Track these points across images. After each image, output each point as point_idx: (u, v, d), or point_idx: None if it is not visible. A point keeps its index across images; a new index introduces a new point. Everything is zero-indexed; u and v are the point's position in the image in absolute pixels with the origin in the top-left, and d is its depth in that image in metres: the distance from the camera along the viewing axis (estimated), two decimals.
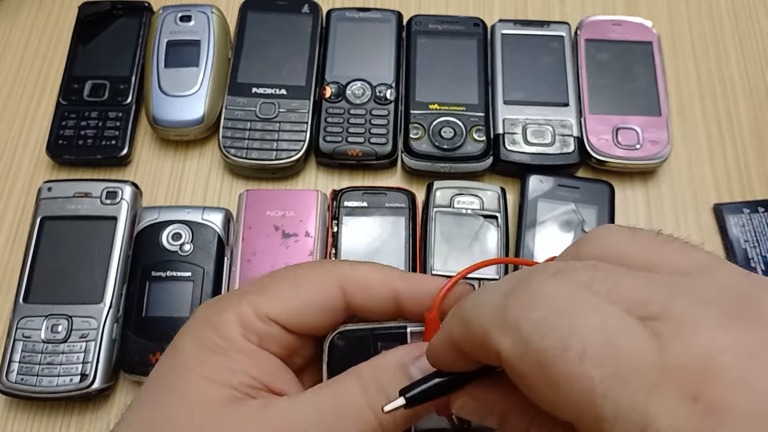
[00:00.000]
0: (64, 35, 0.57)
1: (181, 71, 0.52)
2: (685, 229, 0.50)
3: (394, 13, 0.55)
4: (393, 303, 0.27)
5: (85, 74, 0.53)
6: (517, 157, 0.50)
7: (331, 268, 0.27)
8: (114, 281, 0.44)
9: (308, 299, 0.27)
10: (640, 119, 0.51)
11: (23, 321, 0.43)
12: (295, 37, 0.54)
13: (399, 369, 0.25)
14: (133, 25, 0.55)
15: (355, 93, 0.52)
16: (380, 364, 0.25)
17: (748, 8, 0.59)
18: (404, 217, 0.47)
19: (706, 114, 0.55)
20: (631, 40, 0.54)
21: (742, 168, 0.52)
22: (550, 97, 0.52)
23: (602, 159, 0.50)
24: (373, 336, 0.27)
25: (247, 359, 0.25)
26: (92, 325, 0.43)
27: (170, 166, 0.52)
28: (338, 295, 0.27)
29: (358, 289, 0.27)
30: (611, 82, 0.53)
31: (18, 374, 0.42)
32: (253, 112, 0.51)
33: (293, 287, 0.27)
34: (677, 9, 0.59)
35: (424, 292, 0.27)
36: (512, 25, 0.55)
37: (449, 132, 0.50)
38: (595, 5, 0.59)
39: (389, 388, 0.24)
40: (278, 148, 0.50)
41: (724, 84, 0.56)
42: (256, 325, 0.26)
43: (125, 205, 0.47)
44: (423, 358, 0.25)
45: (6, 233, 0.50)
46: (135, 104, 0.52)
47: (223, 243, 0.46)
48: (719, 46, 0.57)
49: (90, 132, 0.51)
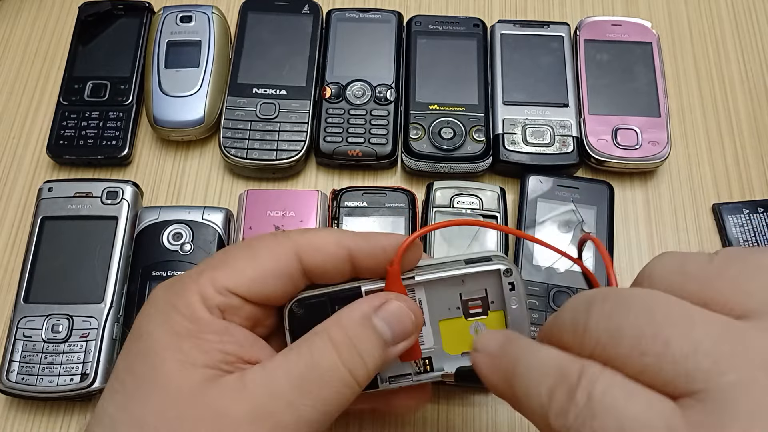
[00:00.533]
0: (65, 35, 0.57)
1: (181, 71, 0.52)
2: (685, 229, 0.50)
3: (394, 14, 0.55)
4: (348, 262, 0.27)
5: (86, 74, 0.53)
6: (516, 158, 0.50)
7: (283, 237, 0.28)
8: (114, 281, 0.45)
9: (265, 268, 0.27)
10: (639, 119, 0.51)
11: (24, 321, 0.43)
12: (295, 37, 0.54)
13: (365, 322, 0.26)
14: (134, 26, 0.55)
15: (355, 93, 0.52)
16: (346, 320, 0.26)
17: (748, 8, 0.59)
18: (404, 217, 0.47)
19: (706, 114, 0.55)
20: (630, 40, 0.54)
21: (741, 168, 0.53)
22: (550, 97, 0.52)
23: (602, 159, 0.50)
24: (330, 299, 0.28)
25: (216, 336, 0.25)
26: (93, 324, 0.43)
27: (171, 166, 0.53)
28: (294, 262, 0.27)
29: (312, 253, 0.27)
30: (611, 82, 0.53)
31: (18, 374, 0.42)
32: (253, 112, 0.51)
33: (249, 258, 0.27)
34: (677, 9, 0.59)
35: (378, 248, 0.27)
36: (512, 25, 0.55)
37: (449, 132, 0.50)
38: (595, 5, 0.59)
39: (360, 345, 0.25)
40: (278, 149, 0.50)
41: (724, 84, 0.56)
42: (217, 299, 0.26)
43: (126, 205, 0.47)
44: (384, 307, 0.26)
45: (6, 233, 0.50)
46: (135, 104, 0.52)
47: (223, 243, 0.46)
48: (719, 47, 0.57)
49: (90, 132, 0.51)
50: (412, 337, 0.28)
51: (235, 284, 0.26)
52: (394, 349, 0.27)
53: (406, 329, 0.27)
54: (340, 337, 0.25)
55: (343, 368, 0.25)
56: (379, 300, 0.27)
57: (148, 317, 0.26)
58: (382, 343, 0.26)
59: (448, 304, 0.29)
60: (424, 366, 0.30)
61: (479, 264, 0.28)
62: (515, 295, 0.28)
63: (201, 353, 0.25)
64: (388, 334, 0.26)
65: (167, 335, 0.25)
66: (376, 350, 0.26)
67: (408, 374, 0.30)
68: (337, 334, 0.25)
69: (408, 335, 0.27)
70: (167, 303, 0.26)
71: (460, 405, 0.44)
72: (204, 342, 0.25)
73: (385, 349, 0.26)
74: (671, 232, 0.50)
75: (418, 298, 0.29)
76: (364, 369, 0.25)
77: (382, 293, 0.28)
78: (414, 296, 0.29)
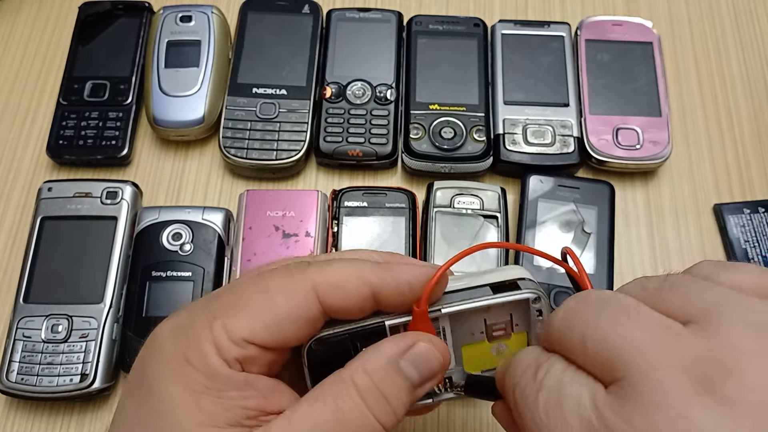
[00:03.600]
0: (65, 35, 0.57)
1: (181, 71, 0.52)
2: (686, 229, 0.50)
3: (394, 14, 0.55)
4: (370, 298, 0.26)
5: (86, 74, 0.53)
6: (517, 158, 0.50)
7: (299, 275, 0.26)
8: (114, 281, 0.44)
9: (284, 314, 0.25)
10: (640, 119, 0.51)
11: (23, 321, 0.43)
12: (295, 37, 0.54)
13: (391, 367, 0.25)
14: (134, 26, 0.55)
15: (356, 93, 0.52)
16: (371, 365, 0.25)
17: (749, 8, 0.59)
18: (404, 217, 0.47)
19: (707, 114, 0.55)
20: (631, 40, 0.54)
21: (742, 168, 0.52)
22: (551, 97, 0.52)
23: (602, 159, 0.50)
24: (351, 337, 0.27)
25: (237, 392, 0.24)
26: (92, 325, 0.43)
27: (170, 166, 0.53)
28: (313, 303, 0.25)
29: (332, 291, 0.25)
30: (611, 82, 0.53)
31: (18, 374, 0.42)
32: (253, 112, 0.51)
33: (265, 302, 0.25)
34: (677, 9, 0.59)
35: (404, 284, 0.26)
36: (512, 25, 0.55)
37: (449, 132, 0.50)
38: (595, 5, 0.59)
39: (386, 391, 0.24)
40: (278, 149, 0.50)
41: (725, 84, 0.56)
42: (234, 351, 0.24)
43: (125, 205, 0.47)
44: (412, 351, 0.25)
45: (6, 233, 0.50)
46: (135, 104, 0.52)
47: (223, 243, 0.46)
48: (719, 47, 0.57)
49: (90, 132, 0.51)
50: (439, 376, 0.27)
51: (252, 334, 0.24)
52: (422, 390, 0.26)
53: (434, 371, 0.26)
54: (367, 385, 0.24)
55: (371, 417, 0.24)
56: (405, 343, 0.26)
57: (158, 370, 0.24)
58: (410, 386, 0.25)
59: (472, 329, 0.28)
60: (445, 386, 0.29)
61: (508, 294, 0.27)
62: (541, 320, 0.28)
63: (222, 412, 0.24)
64: (416, 377, 0.25)
65: (184, 394, 0.23)
66: (403, 395, 0.25)
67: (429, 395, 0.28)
68: (363, 380, 0.24)
69: (435, 376, 0.26)
70: (179, 355, 0.24)
71: (461, 405, 0.44)
72: (225, 400, 0.24)
73: (412, 392, 0.26)
74: (672, 233, 0.50)
75: (441, 326, 0.28)
76: (392, 415, 0.25)
77: (408, 334, 0.26)
78: (438, 325, 0.28)
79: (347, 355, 0.26)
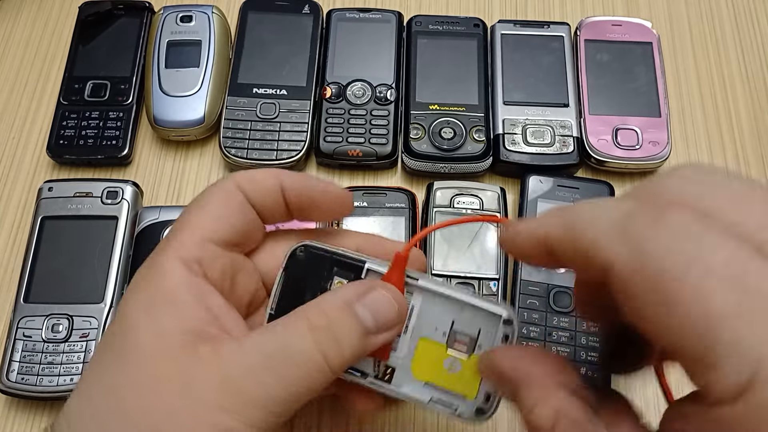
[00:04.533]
0: (65, 35, 0.57)
1: (181, 71, 0.52)
2: None
3: (394, 14, 0.55)
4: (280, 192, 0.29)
5: (86, 74, 0.53)
6: (516, 158, 0.50)
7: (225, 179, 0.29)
8: (115, 281, 0.45)
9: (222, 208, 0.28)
10: (639, 120, 0.51)
11: (24, 321, 0.43)
12: (295, 37, 0.54)
13: (345, 308, 0.26)
14: (134, 25, 0.55)
15: (356, 93, 0.52)
16: (327, 304, 0.26)
17: (749, 9, 0.59)
18: (404, 218, 0.47)
19: (706, 114, 0.55)
20: (631, 40, 0.54)
21: (742, 168, 0.52)
22: (550, 97, 0.52)
23: (602, 159, 0.50)
24: (332, 259, 0.28)
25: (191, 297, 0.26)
26: (93, 324, 0.43)
27: (171, 166, 0.53)
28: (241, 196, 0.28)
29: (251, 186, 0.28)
30: (611, 82, 0.53)
31: (18, 374, 0.42)
32: (253, 112, 0.51)
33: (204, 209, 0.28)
34: (677, 9, 0.59)
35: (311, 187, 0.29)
36: (512, 25, 0.55)
37: (449, 132, 0.50)
38: (595, 6, 0.59)
39: (338, 330, 0.25)
40: (278, 149, 0.50)
41: (724, 84, 0.56)
42: (194, 251, 0.26)
43: (126, 204, 0.47)
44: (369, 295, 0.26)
45: (6, 233, 0.50)
46: (136, 104, 0.52)
47: None
48: (719, 47, 0.57)
49: (91, 132, 0.51)
50: (395, 329, 0.27)
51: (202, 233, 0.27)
52: (375, 339, 0.26)
53: (390, 319, 0.27)
54: (318, 321, 0.25)
55: (317, 352, 0.24)
56: (364, 287, 0.26)
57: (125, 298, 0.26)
58: (363, 330, 0.26)
59: (437, 324, 0.28)
60: (384, 373, 0.28)
61: (486, 302, 0.27)
62: None
63: (175, 320, 0.25)
64: (370, 322, 0.26)
65: (142, 308, 0.25)
66: (355, 337, 0.26)
67: (366, 373, 0.28)
68: (315, 316, 0.25)
69: (391, 326, 0.27)
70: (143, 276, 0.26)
71: None
72: (178, 308, 0.25)
73: (365, 338, 0.26)
74: None
75: (411, 303, 0.28)
76: (339, 355, 0.25)
77: (367, 281, 0.27)
78: (409, 300, 0.28)
79: (320, 281, 0.28)
